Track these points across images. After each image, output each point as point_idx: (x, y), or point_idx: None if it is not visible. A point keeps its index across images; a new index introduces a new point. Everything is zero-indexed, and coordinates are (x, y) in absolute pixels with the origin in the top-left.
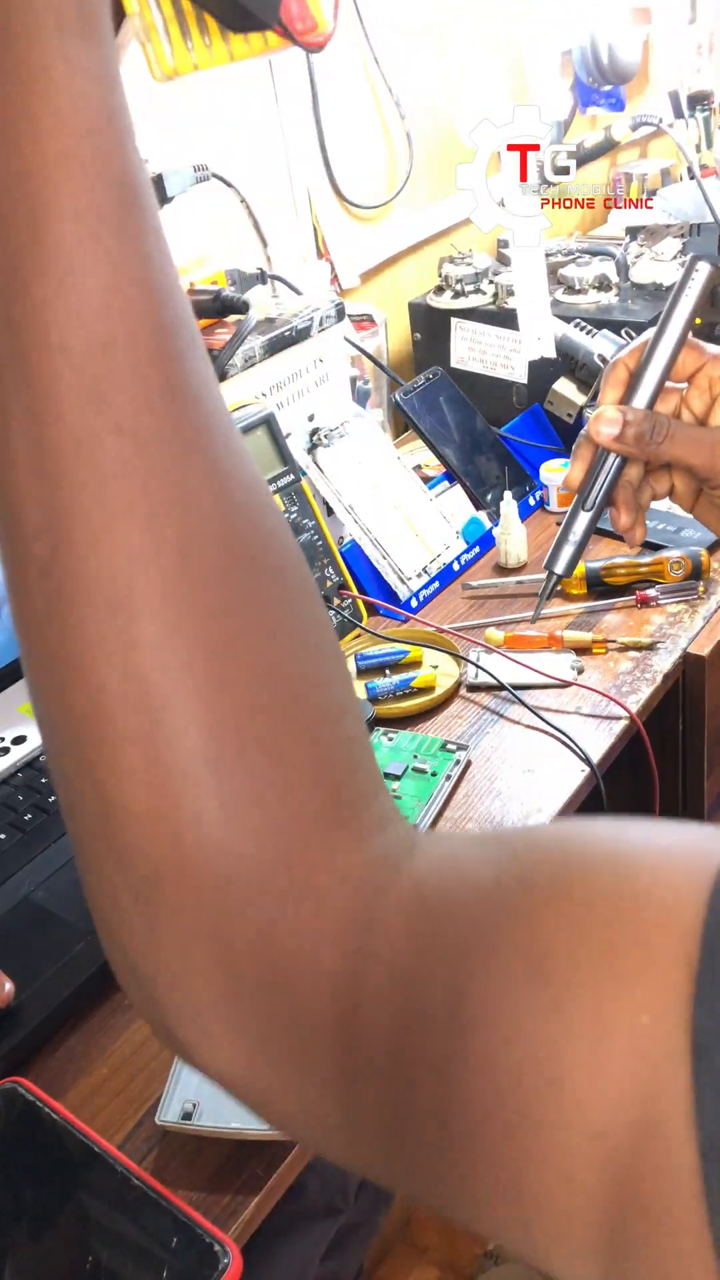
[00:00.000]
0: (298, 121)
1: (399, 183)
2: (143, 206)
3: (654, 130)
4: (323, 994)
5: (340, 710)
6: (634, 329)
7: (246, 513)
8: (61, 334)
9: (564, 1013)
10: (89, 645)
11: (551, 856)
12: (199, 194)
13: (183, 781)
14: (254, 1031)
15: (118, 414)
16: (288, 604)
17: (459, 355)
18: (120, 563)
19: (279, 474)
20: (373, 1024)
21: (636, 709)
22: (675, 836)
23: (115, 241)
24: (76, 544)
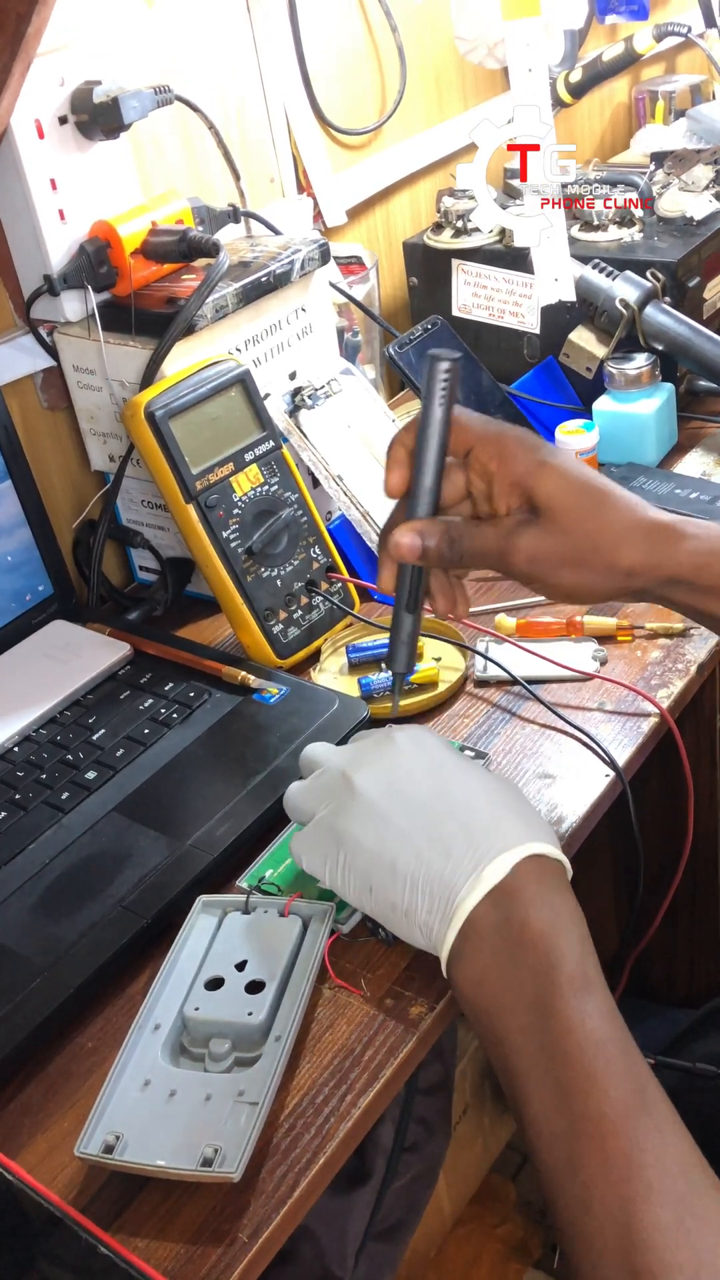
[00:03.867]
0: (273, 35)
1: (390, 105)
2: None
3: (682, 41)
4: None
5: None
6: (660, 269)
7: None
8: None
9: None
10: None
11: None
12: (161, 119)
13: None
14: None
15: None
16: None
17: (461, 302)
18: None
19: (255, 440)
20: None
21: (668, 704)
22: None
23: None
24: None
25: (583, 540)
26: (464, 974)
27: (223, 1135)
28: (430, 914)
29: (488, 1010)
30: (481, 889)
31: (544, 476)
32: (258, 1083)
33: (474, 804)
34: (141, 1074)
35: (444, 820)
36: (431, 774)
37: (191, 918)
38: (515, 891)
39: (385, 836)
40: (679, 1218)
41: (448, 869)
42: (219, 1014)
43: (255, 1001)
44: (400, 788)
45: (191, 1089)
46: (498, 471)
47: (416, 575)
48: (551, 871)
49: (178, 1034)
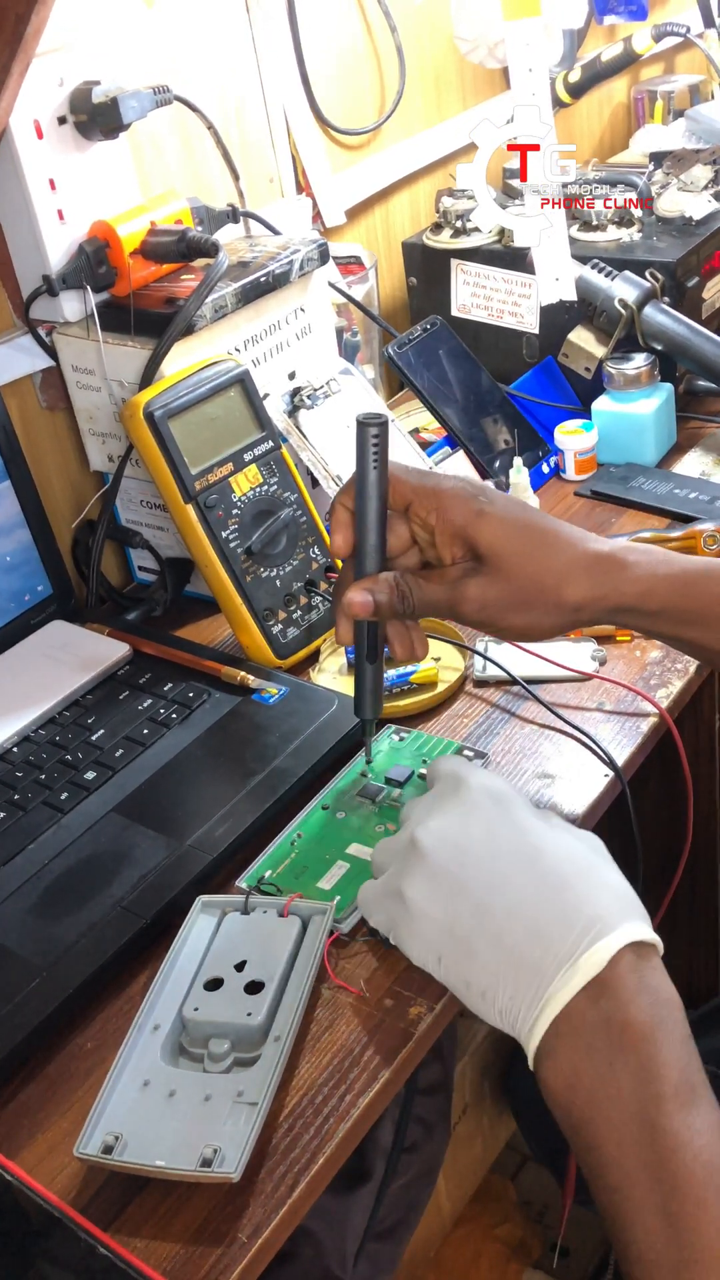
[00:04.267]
0: (272, 35)
1: (389, 105)
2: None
3: (681, 41)
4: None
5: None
6: (659, 269)
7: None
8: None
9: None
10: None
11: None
12: (160, 119)
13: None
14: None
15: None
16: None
17: (461, 302)
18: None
19: (255, 441)
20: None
21: (667, 704)
22: None
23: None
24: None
25: (527, 583)
26: (555, 1074)
27: (222, 1135)
28: (514, 1000)
29: (582, 1117)
30: (578, 981)
31: (483, 526)
32: (257, 1083)
33: (562, 874)
34: (141, 1074)
35: (528, 895)
36: (512, 837)
37: (191, 918)
38: (615, 985)
39: (458, 909)
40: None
41: (535, 954)
42: (218, 1015)
43: (254, 1002)
44: (475, 852)
45: (191, 1089)
46: (437, 525)
47: (373, 628)
48: (649, 960)
49: (177, 1034)
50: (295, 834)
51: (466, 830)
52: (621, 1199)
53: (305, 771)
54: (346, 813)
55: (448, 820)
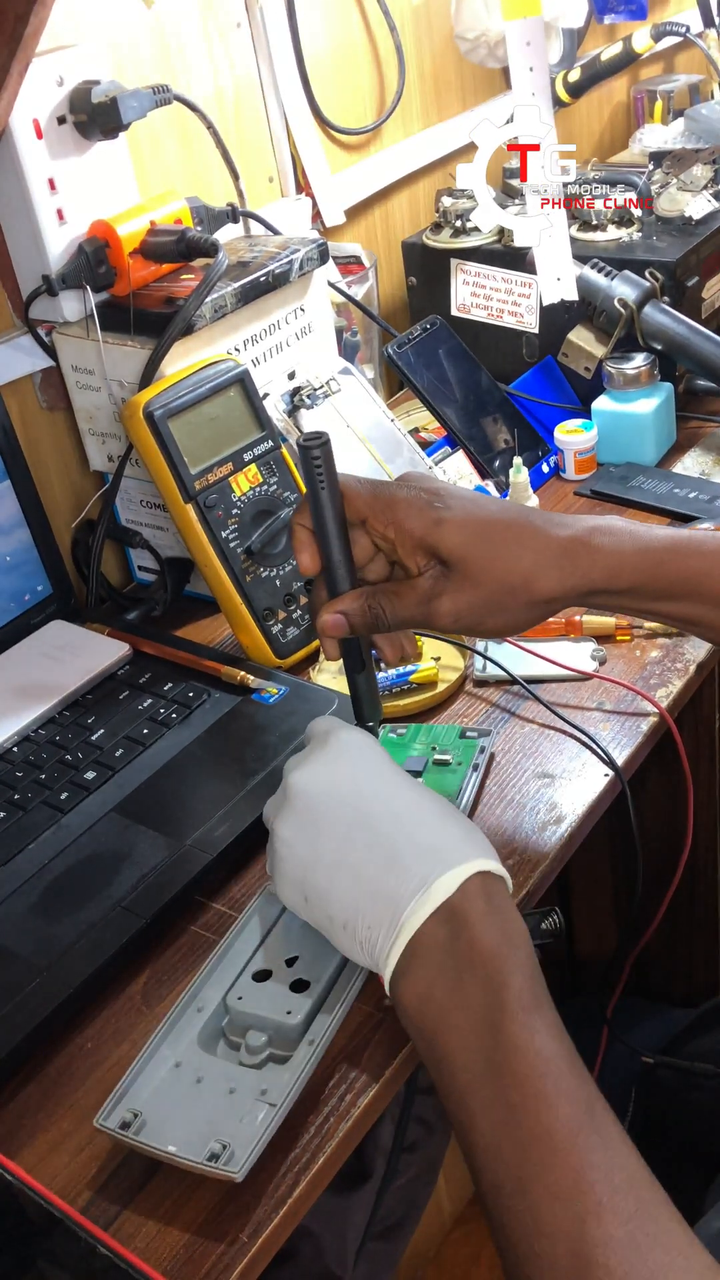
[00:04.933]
0: (271, 35)
1: (389, 105)
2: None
3: (680, 40)
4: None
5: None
6: (659, 269)
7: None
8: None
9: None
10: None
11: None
12: (159, 119)
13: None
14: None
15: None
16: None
17: (460, 302)
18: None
19: (254, 440)
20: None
21: (667, 704)
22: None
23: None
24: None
25: (497, 586)
26: (409, 991)
27: (236, 1132)
28: (372, 929)
29: (433, 1029)
30: (430, 905)
31: (442, 534)
32: (283, 1084)
33: (417, 815)
34: (175, 1054)
35: (385, 831)
36: (373, 782)
37: (256, 904)
38: (463, 909)
39: (322, 846)
40: (630, 1235)
41: (391, 882)
42: (260, 1008)
43: (297, 1001)
44: (339, 794)
45: (218, 1079)
46: (396, 538)
47: (355, 641)
48: (497, 889)
49: (219, 1020)
50: None
51: (332, 775)
52: (469, 1100)
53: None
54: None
55: (316, 767)
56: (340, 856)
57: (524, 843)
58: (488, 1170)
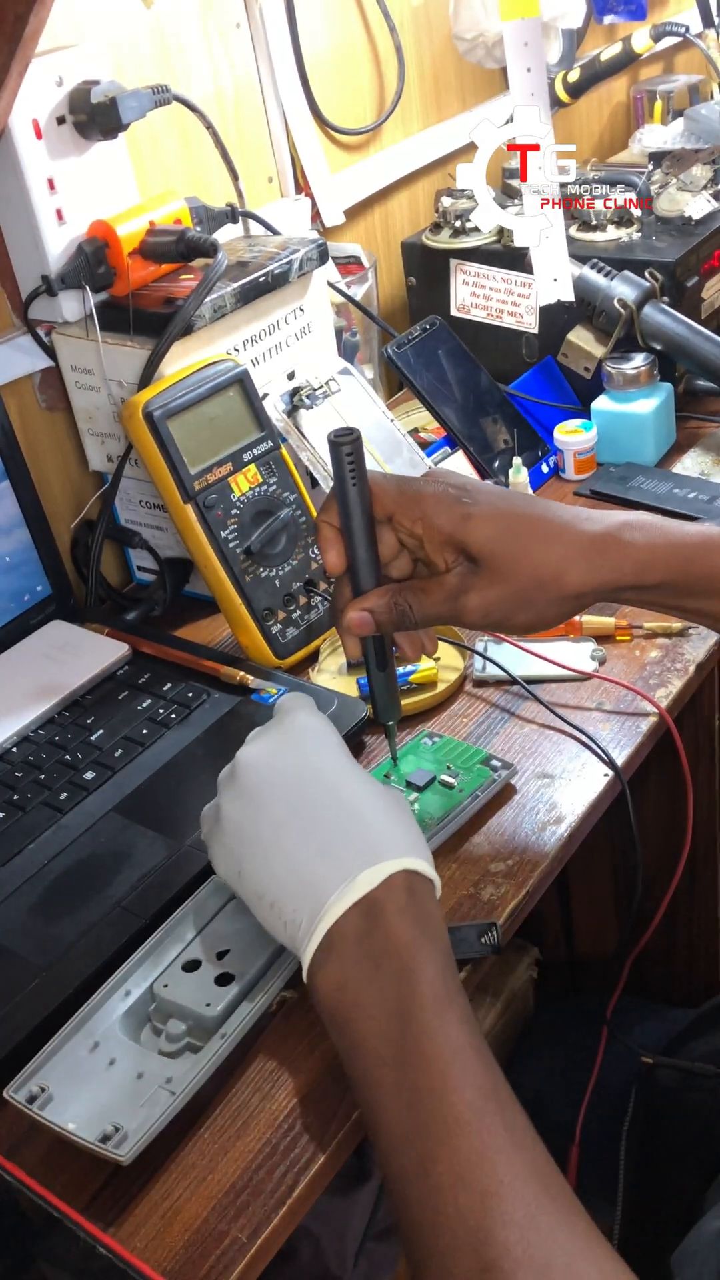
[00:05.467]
0: (270, 35)
1: (388, 105)
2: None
3: (680, 41)
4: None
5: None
6: (658, 269)
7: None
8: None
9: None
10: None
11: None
12: (158, 119)
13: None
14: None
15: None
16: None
17: (460, 302)
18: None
19: (254, 440)
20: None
21: (666, 704)
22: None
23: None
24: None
25: (526, 581)
26: (325, 979)
27: (133, 1117)
28: (297, 913)
29: (347, 1017)
30: (352, 896)
31: (471, 530)
32: (186, 1075)
33: (357, 807)
34: (95, 1035)
35: (323, 819)
36: (321, 769)
37: (201, 894)
38: (383, 902)
39: (259, 821)
40: (531, 1217)
41: (320, 870)
42: (182, 997)
43: (219, 994)
44: (284, 774)
45: (130, 1063)
46: (424, 534)
47: (379, 638)
48: (422, 888)
49: (144, 1005)
50: None
51: (282, 755)
52: (376, 1088)
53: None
54: None
55: (269, 745)
56: (276, 838)
57: (524, 843)
58: (393, 1154)
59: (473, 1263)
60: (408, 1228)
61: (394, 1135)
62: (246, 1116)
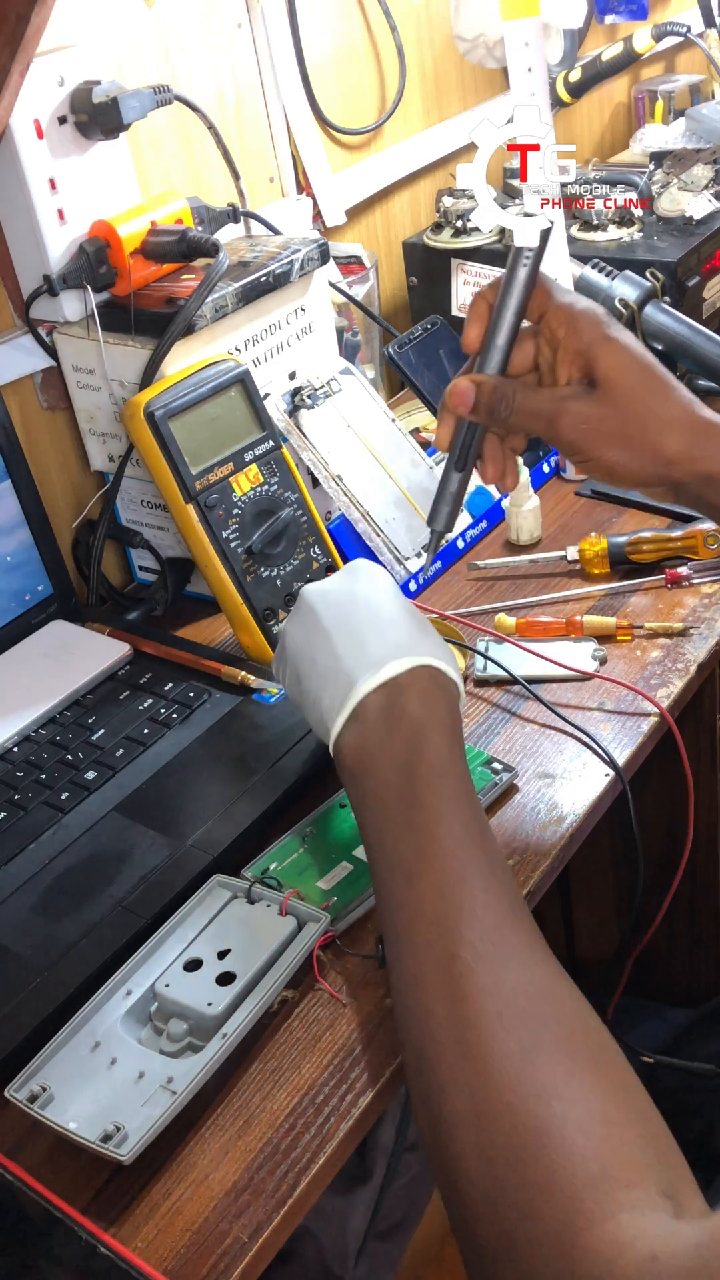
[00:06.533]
0: (272, 34)
1: (389, 105)
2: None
3: (681, 40)
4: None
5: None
6: (659, 269)
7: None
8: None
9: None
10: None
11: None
12: (160, 119)
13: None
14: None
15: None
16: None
17: (461, 301)
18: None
19: (255, 440)
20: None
21: (668, 704)
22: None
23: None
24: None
25: (632, 418)
26: (347, 743)
27: (134, 1116)
28: (332, 700)
29: (361, 773)
30: (378, 679)
31: (607, 351)
32: (187, 1075)
33: (397, 624)
34: (96, 1034)
35: (364, 629)
36: (368, 597)
37: (201, 894)
38: (405, 685)
39: (312, 634)
40: (497, 926)
41: (354, 664)
42: (184, 997)
43: (220, 993)
44: (338, 599)
45: (131, 1062)
46: (565, 339)
47: (471, 433)
48: (442, 680)
49: (146, 1004)
50: (307, 828)
51: (337, 588)
52: (381, 826)
53: (305, 771)
54: None
55: (329, 582)
56: (323, 644)
57: (524, 842)
58: (386, 875)
59: (441, 953)
60: (390, 930)
61: (389, 858)
62: (248, 1116)
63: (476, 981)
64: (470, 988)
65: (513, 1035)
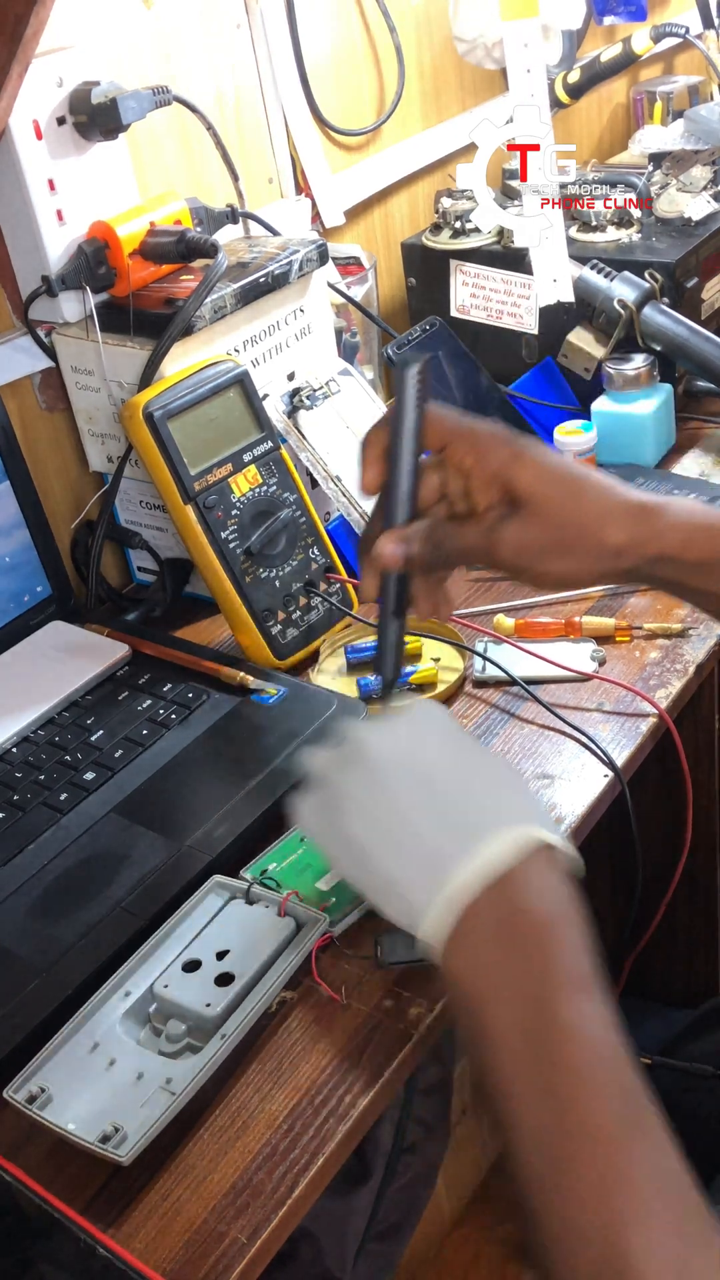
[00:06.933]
0: (271, 35)
1: (388, 106)
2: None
3: (680, 42)
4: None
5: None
6: (658, 270)
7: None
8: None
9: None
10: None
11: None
12: (159, 120)
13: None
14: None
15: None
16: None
17: (460, 303)
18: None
19: (254, 441)
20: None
21: (666, 705)
22: None
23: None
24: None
25: (567, 525)
26: (454, 955)
27: (133, 1117)
28: (418, 889)
29: (479, 999)
30: (480, 864)
31: (521, 468)
32: (186, 1075)
33: (482, 781)
34: (94, 1035)
35: (446, 792)
36: (441, 745)
37: (200, 895)
38: (516, 875)
39: (378, 799)
40: (667, 1240)
41: (441, 840)
42: (182, 998)
43: (219, 994)
44: (404, 752)
45: (130, 1063)
46: (474, 467)
47: (401, 581)
48: (553, 859)
49: (144, 1005)
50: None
51: (401, 735)
52: (508, 1081)
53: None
54: None
55: (387, 726)
56: (397, 816)
57: None
58: (524, 1155)
59: (607, 1270)
60: (538, 1233)
61: (528, 1137)
62: (246, 1117)
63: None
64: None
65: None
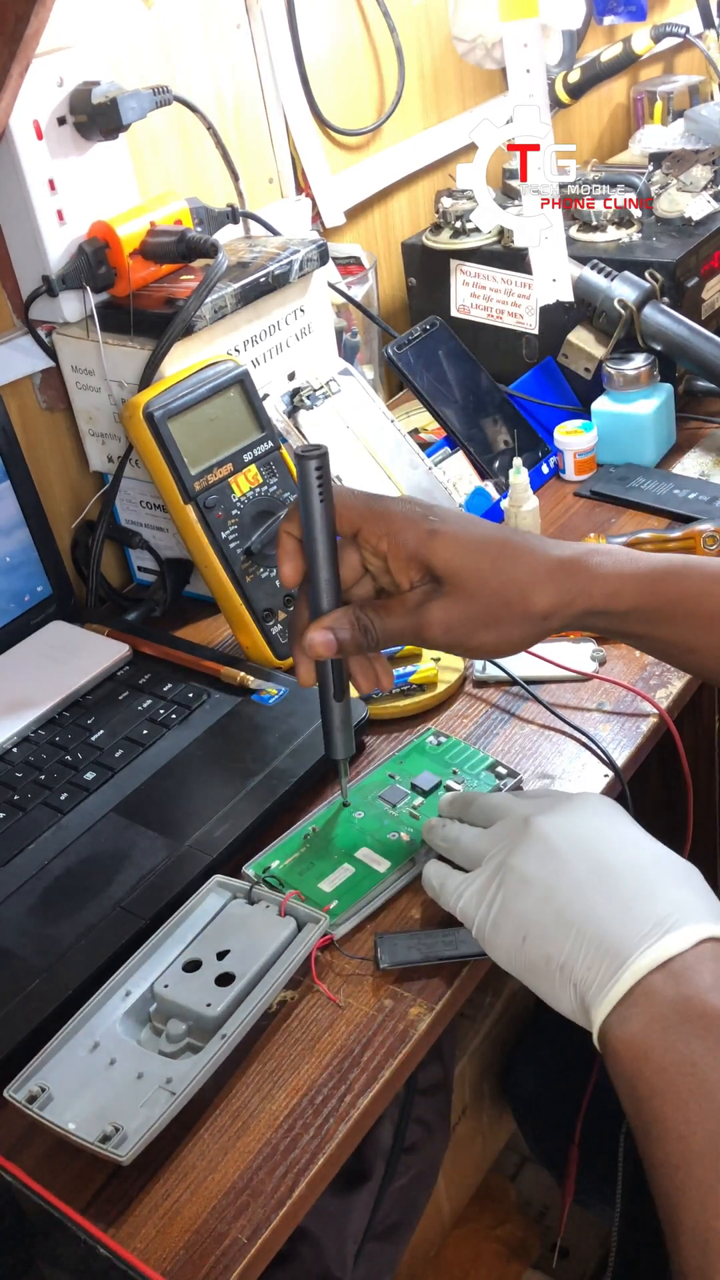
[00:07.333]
0: (271, 35)
1: (388, 106)
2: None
3: (680, 41)
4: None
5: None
6: (658, 269)
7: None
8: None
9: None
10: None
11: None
12: (159, 120)
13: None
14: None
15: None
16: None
17: (460, 302)
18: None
19: (254, 441)
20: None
21: (667, 705)
22: None
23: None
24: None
25: (492, 598)
26: (626, 1044)
27: (133, 1117)
28: (591, 970)
29: (650, 1089)
30: (659, 954)
31: (437, 546)
32: (186, 1075)
33: (660, 874)
34: (95, 1035)
35: (624, 881)
36: (618, 835)
37: (201, 894)
38: (695, 967)
39: (557, 882)
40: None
41: (622, 930)
42: (183, 997)
43: (219, 994)
44: (583, 837)
45: (130, 1063)
46: (389, 550)
47: (336, 664)
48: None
49: (145, 1005)
50: (310, 827)
51: (579, 822)
52: (683, 1176)
53: (304, 772)
54: (365, 813)
55: (564, 812)
56: (575, 898)
57: None
58: (693, 1251)
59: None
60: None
61: (701, 1236)
62: (246, 1117)
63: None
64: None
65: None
